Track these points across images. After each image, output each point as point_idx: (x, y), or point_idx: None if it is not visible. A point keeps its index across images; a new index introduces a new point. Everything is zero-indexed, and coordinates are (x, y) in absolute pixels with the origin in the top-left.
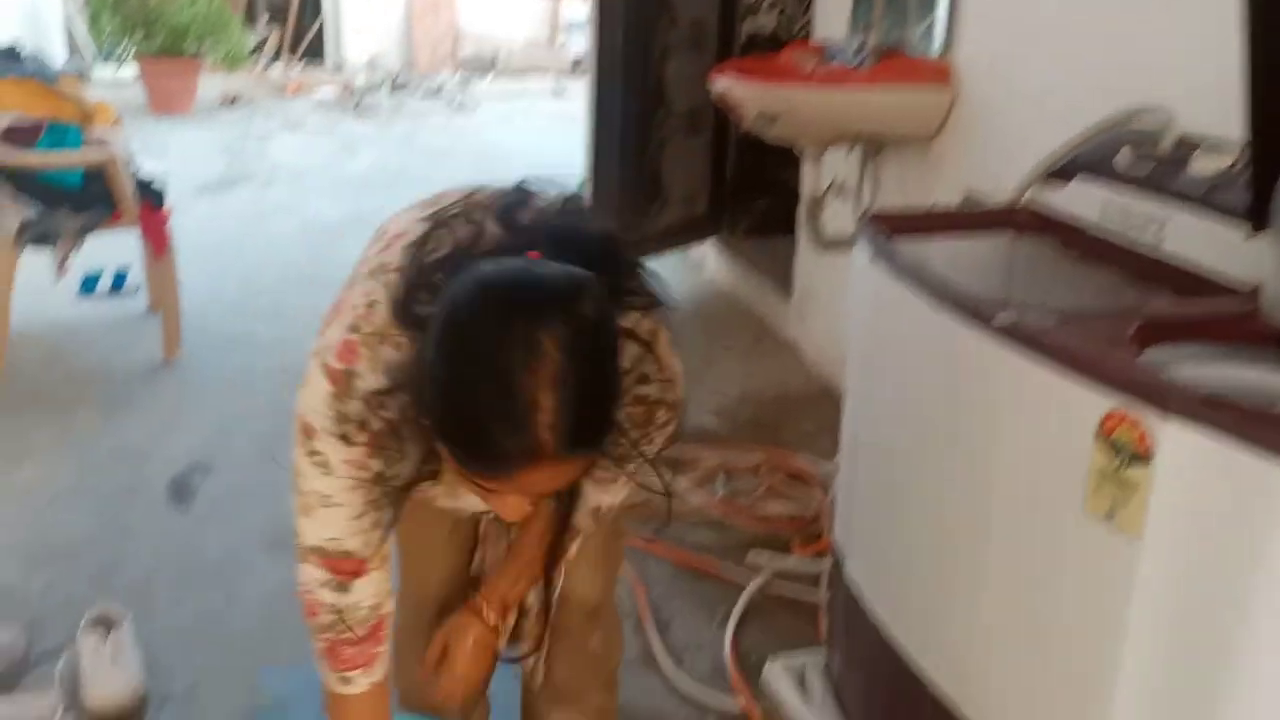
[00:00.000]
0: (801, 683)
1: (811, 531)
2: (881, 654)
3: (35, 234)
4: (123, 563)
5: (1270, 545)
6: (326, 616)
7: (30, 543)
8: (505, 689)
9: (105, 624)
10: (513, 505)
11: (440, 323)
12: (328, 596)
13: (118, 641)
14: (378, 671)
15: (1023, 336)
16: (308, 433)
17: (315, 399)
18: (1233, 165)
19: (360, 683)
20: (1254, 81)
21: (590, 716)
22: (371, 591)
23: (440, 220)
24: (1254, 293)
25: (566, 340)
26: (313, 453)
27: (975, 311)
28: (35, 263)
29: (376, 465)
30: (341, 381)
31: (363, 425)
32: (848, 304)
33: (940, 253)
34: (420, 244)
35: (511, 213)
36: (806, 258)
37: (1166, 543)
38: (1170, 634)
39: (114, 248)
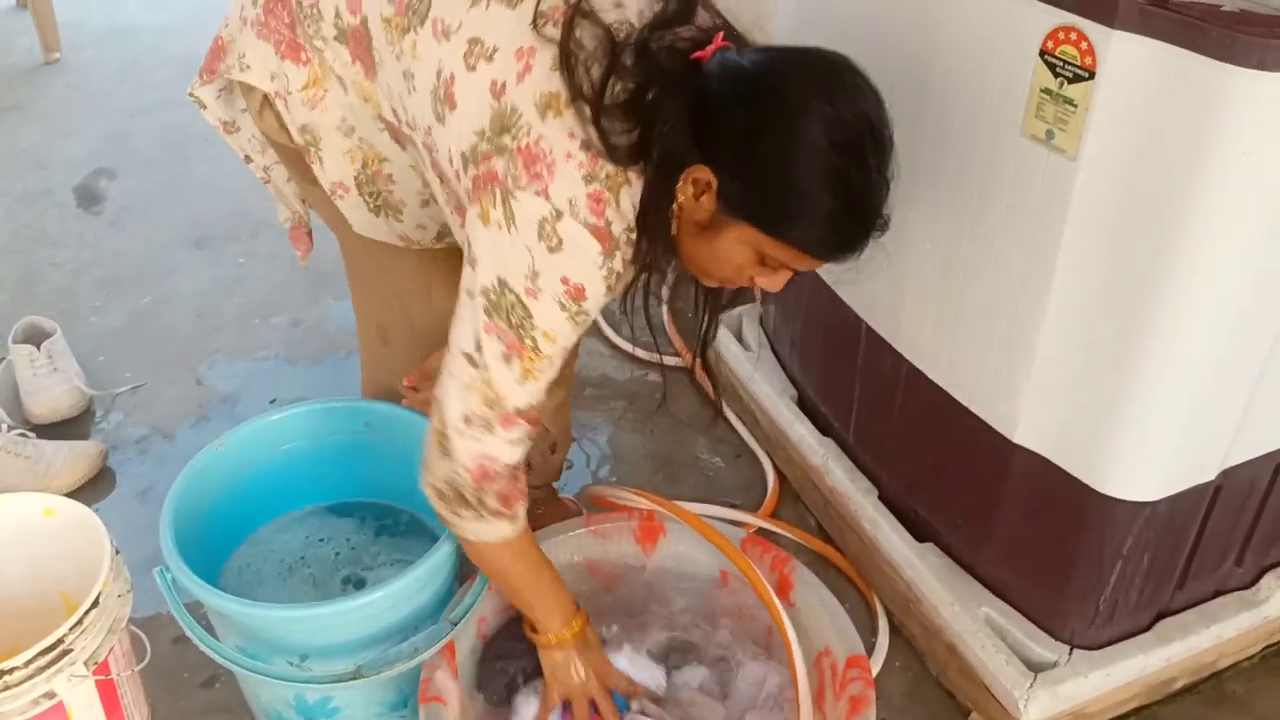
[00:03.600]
0: (739, 335)
1: None
2: (815, 298)
3: None
4: (41, 273)
5: (1212, 152)
6: (506, 472)
7: None
8: None
9: (36, 335)
10: (783, 278)
11: (767, 117)
12: (518, 453)
13: (52, 350)
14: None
15: None
16: (578, 295)
17: (585, 263)
18: None
19: (520, 516)
20: None
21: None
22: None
23: (569, 31)
24: None
25: (883, 113)
26: (579, 314)
27: None
28: None
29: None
30: (608, 239)
31: (620, 275)
32: None
33: None
34: (570, 68)
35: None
36: None
37: (1103, 162)
38: (1103, 257)
39: None
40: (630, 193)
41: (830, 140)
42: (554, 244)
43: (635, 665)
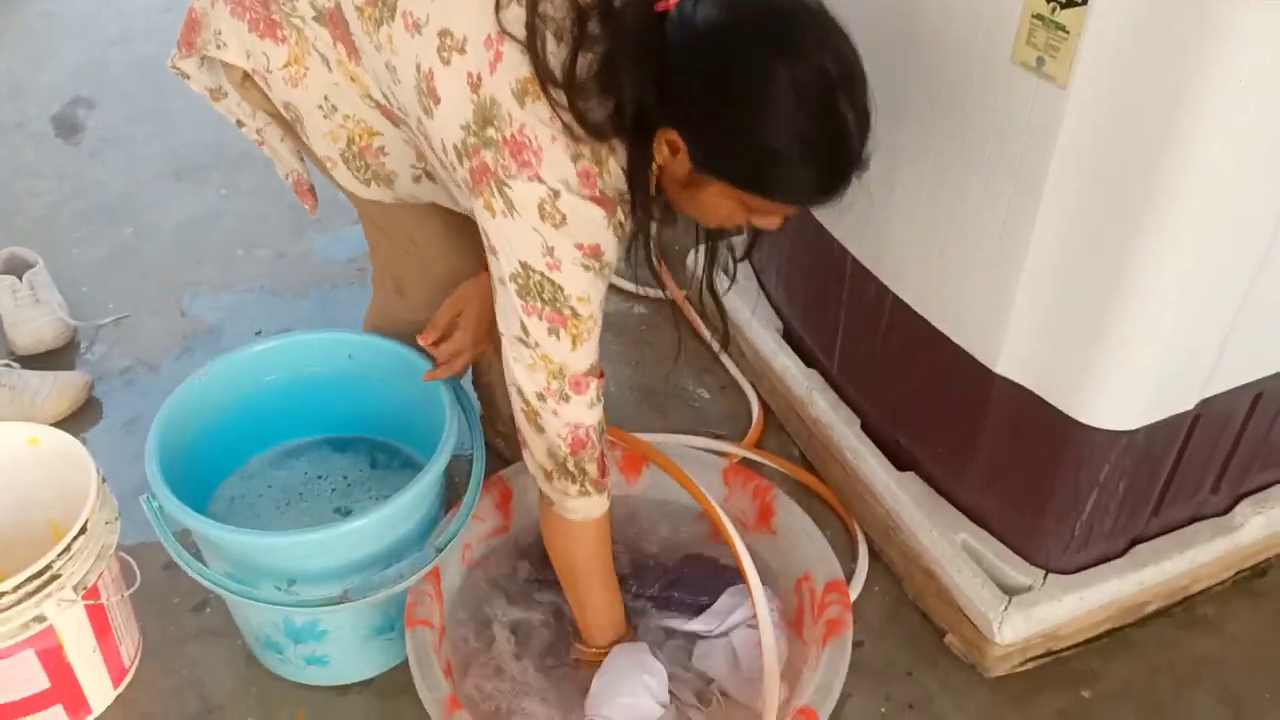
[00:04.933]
0: (724, 268)
1: None
2: (800, 230)
3: None
4: (21, 203)
5: (1202, 81)
6: (595, 435)
7: None
8: None
9: (17, 266)
10: (776, 220)
11: (726, 82)
12: (598, 412)
13: (34, 281)
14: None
15: None
16: (594, 254)
17: (593, 226)
18: None
19: (609, 490)
20: None
21: None
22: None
23: (533, 14)
24: None
25: (849, 54)
26: (602, 268)
27: None
28: None
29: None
30: (607, 203)
31: (625, 225)
32: None
33: None
34: (537, 55)
35: None
36: None
37: (1093, 90)
38: (1087, 185)
39: None
40: (617, 158)
41: (797, 103)
42: (558, 220)
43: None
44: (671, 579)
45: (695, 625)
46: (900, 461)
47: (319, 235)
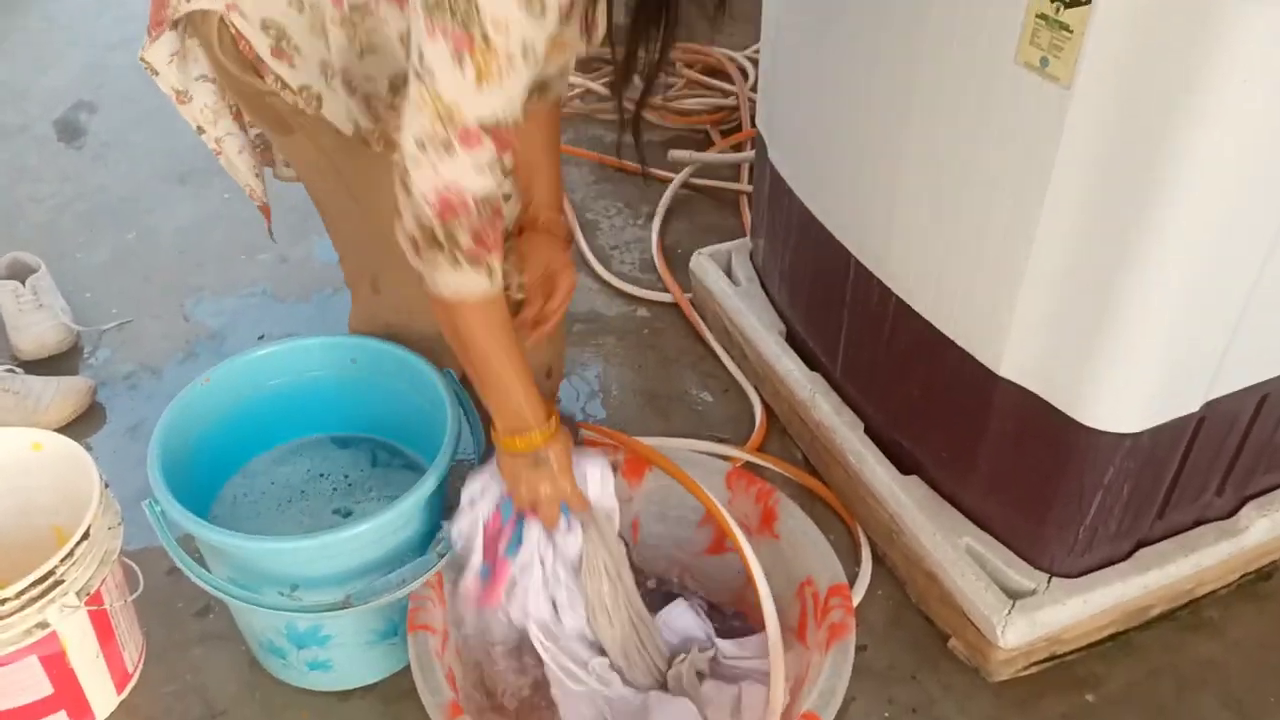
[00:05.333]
0: (728, 270)
1: (732, 123)
2: (804, 233)
3: None
4: (24, 208)
5: (1205, 81)
6: (475, 205)
7: None
8: None
9: (20, 271)
10: None
11: None
12: (486, 181)
13: (37, 285)
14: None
15: None
16: None
17: None
18: None
19: (498, 273)
20: None
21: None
22: (511, 165)
23: None
24: None
25: None
26: (535, 3)
27: None
28: None
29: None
30: None
31: None
32: None
33: None
34: None
35: None
36: None
37: (1096, 90)
38: (1095, 184)
39: None
40: None
41: None
42: None
43: (596, 491)
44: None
45: (721, 644)
46: (904, 465)
47: (320, 239)
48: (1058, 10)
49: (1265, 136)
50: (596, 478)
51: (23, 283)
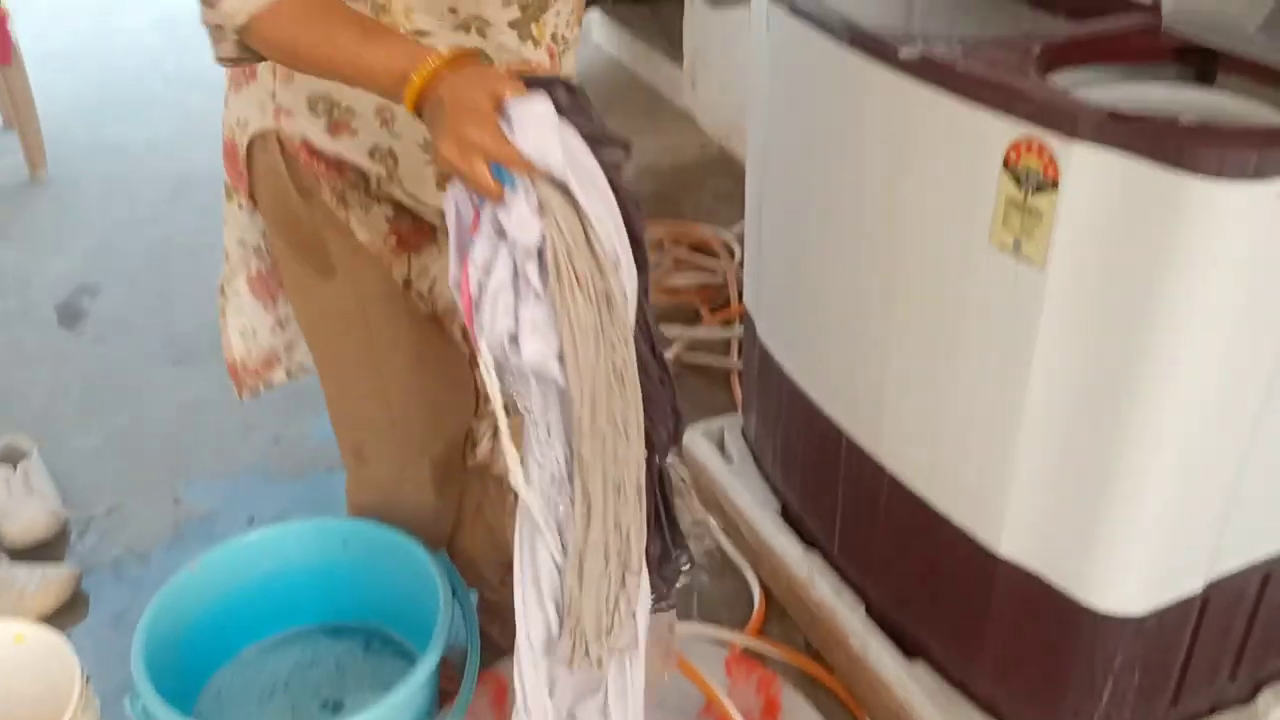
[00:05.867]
0: (721, 447)
1: (720, 299)
2: (796, 409)
3: None
4: (20, 391)
5: (1175, 260)
6: None
7: None
8: None
9: (13, 455)
10: None
11: None
12: None
13: (28, 470)
14: None
15: (929, 68)
16: None
17: None
18: None
19: None
20: None
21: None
22: None
23: None
24: (1153, 8)
25: None
26: None
27: (880, 46)
28: None
29: None
30: None
31: None
32: (745, 58)
33: None
34: None
35: None
36: (695, 18)
37: (1071, 271)
38: (1076, 362)
39: None
40: None
41: None
42: None
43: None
44: None
45: None
46: (908, 647)
47: (315, 418)
48: (1026, 196)
49: (1239, 314)
50: (532, 123)
51: (14, 467)
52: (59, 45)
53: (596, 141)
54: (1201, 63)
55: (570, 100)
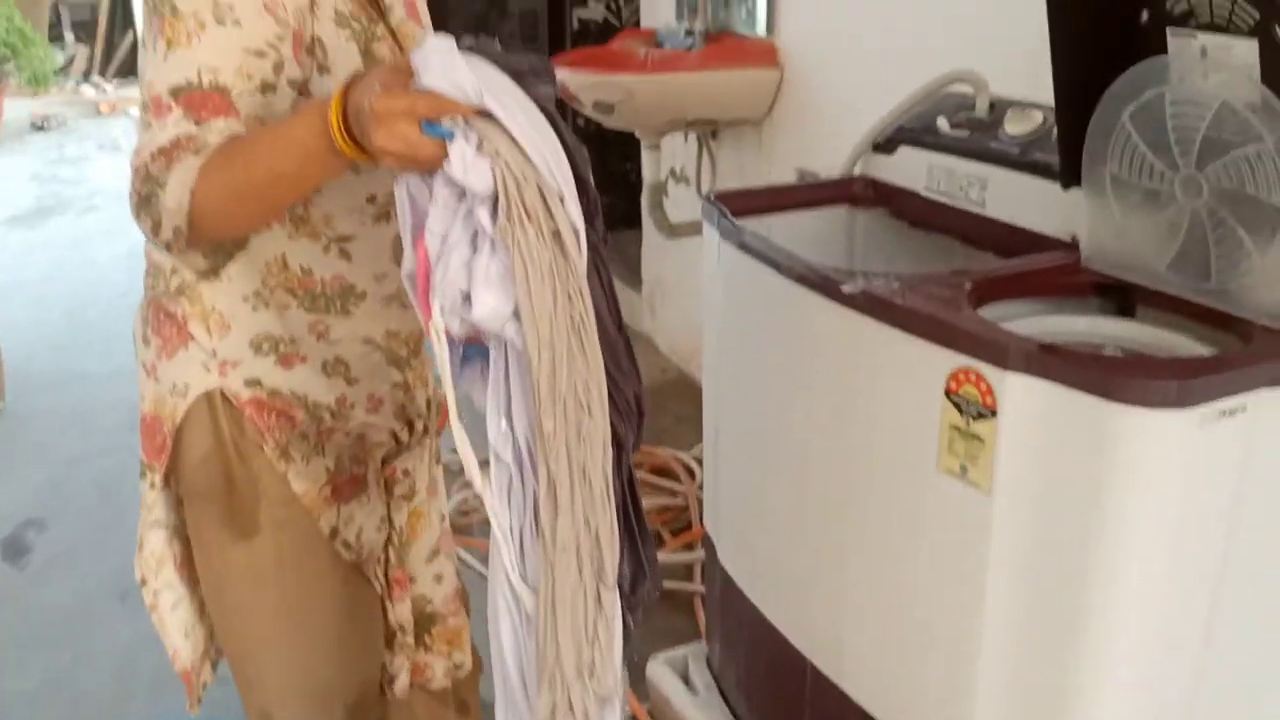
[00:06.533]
0: (685, 677)
1: (682, 522)
2: (757, 636)
3: None
4: None
5: (1111, 485)
6: (156, 148)
7: None
8: None
9: None
10: None
11: None
12: (169, 132)
13: None
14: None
15: (870, 302)
16: None
17: None
18: (1043, 123)
19: (197, 148)
20: (1057, 51)
21: None
22: (232, 131)
23: None
24: (1074, 245)
25: None
26: None
27: (823, 282)
28: None
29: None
30: None
31: None
32: (701, 286)
33: (783, 228)
34: None
35: None
36: (653, 248)
37: (1016, 495)
38: (1028, 584)
39: None
40: None
41: None
42: None
43: (439, 67)
44: None
45: None
46: None
47: None
48: (968, 423)
49: (1176, 532)
50: (434, 57)
51: None
52: (29, 276)
53: (519, 75)
54: (1122, 296)
55: (478, 41)
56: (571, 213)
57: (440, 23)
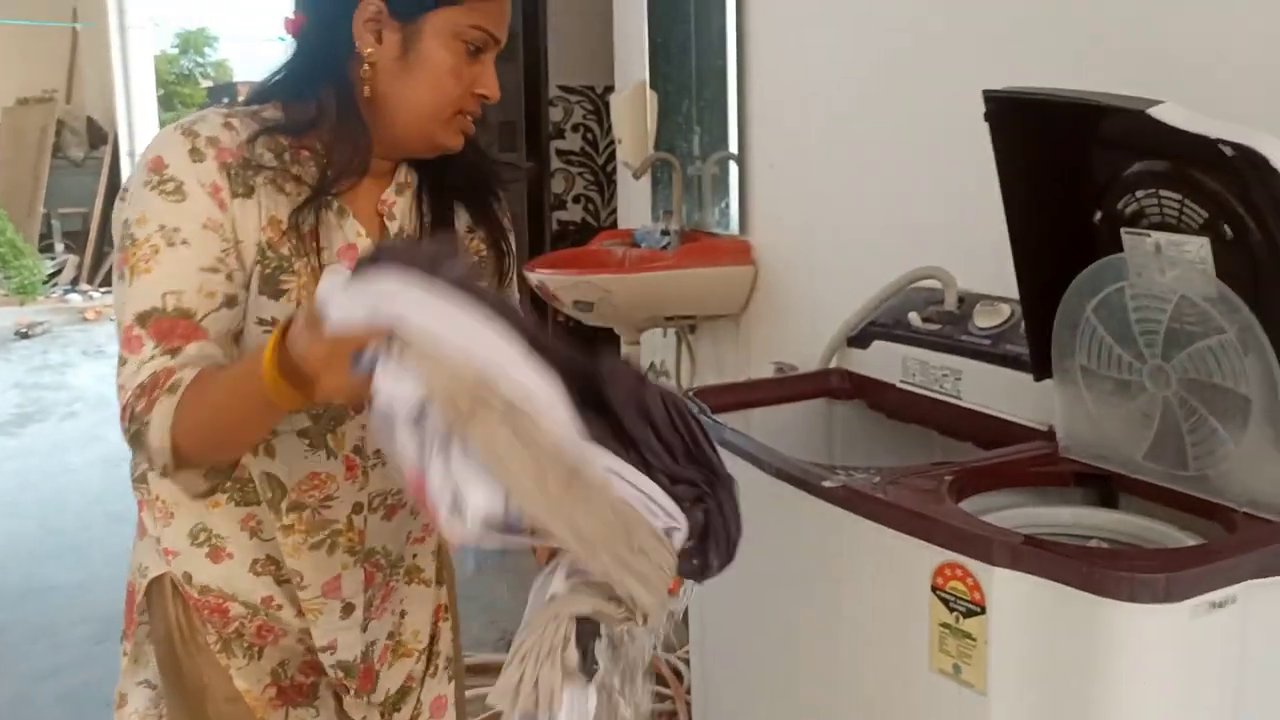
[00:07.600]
0: None
1: None
2: None
3: None
4: None
5: (1103, 679)
6: (136, 385)
7: None
8: None
9: None
10: (490, 64)
11: None
12: (151, 368)
13: None
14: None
15: (852, 497)
16: (157, 167)
17: (164, 141)
18: (1011, 315)
19: (171, 389)
20: (1018, 250)
21: None
22: (205, 354)
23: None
24: (1051, 434)
25: None
26: (163, 183)
27: (804, 477)
28: None
29: (231, 204)
30: (192, 124)
31: (215, 141)
32: None
33: (763, 421)
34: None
35: None
36: None
37: (1012, 693)
38: None
39: None
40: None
41: None
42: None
43: (337, 303)
44: None
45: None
46: None
47: None
48: (957, 620)
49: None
50: (325, 296)
51: None
52: (5, 484)
53: (431, 266)
54: (1103, 484)
55: (382, 249)
56: (519, 378)
57: None
